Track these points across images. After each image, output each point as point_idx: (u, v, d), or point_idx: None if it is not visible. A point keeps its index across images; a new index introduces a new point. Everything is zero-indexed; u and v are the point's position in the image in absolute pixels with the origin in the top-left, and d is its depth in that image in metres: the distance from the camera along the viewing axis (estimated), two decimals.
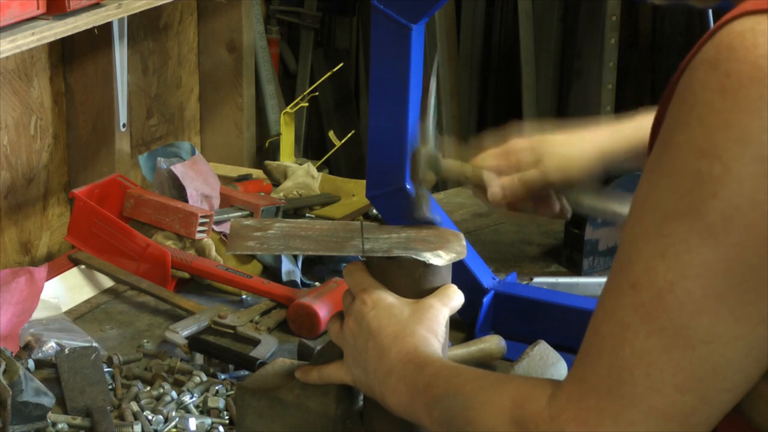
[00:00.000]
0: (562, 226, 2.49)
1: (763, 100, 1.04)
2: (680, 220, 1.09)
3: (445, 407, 1.29)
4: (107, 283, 2.35)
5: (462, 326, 2.10)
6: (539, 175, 1.71)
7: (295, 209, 2.70)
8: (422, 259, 1.45)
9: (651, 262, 1.10)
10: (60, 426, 1.82)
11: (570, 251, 2.43)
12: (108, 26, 2.59)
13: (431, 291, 1.48)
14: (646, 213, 1.12)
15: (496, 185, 1.71)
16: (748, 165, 1.05)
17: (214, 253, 2.38)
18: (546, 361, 1.68)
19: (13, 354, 1.97)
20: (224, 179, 2.73)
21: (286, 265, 2.34)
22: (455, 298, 1.48)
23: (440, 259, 1.46)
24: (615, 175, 2.47)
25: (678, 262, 1.09)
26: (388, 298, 1.45)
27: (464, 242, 1.53)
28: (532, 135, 1.75)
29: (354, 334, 1.45)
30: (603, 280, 2.23)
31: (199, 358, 2.04)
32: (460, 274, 2.00)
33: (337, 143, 3.09)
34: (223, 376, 1.99)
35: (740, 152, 1.05)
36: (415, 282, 1.48)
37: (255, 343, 2.10)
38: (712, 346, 1.09)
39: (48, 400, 1.81)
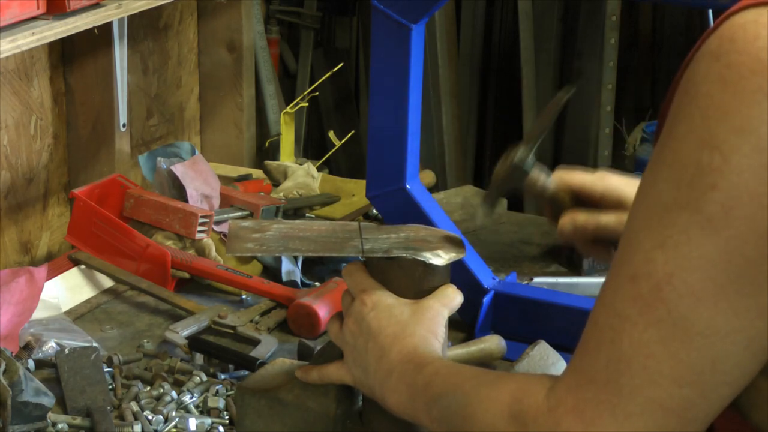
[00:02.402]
0: None
1: (763, 92, 1.05)
2: (680, 212, 1.09)
3: (444, 405, 1.29)
4: (107, 283, 2.35)
5: (462, 326, 2.10)
6: (616, 222, 1.63)
7: (295, 209, 2.70)
8: (422, 258, 1.45)
9: (650, 254, 1.10)
10: (60, 426, 1.82)
11: (570, 251, 2.43)
12: (108, 26, 2.59)
13: (431, 291, 1.48)
14: (647, 205, 1.12)
15: (569, 218, 1.64)
16: (748, 156, 1.05)
17: (214, 253, 2.38)
18: (546, 361, 1.68)
19: (13, 354, 1.97)
20: (224, 179, 2.73)
21: (286, 265, 2.34)
22: (455, 298, 1.48)
23: (440, 258, 1.46)
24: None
25: (677, 253, 1.09)
26: (388, 298, 1.45)
27: (463, 242, 1.53)
28: (631, 178, 1.66)
29: (354, 334, 1.45)
30: (603, 280, 2.21)
31: (199, 358, 2.04)
32: (460, 274, 2.00)
33: (337, 143, 3.09)
34: (223, 376, 1.99)
35: (739, 143, 1.05)
36: (414, 282, 1.47)
37: (255, 343, 2.10)
38: (710, 339, 1.09)
39: (48, 400, 1.81)
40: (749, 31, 1.07)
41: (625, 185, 1.65)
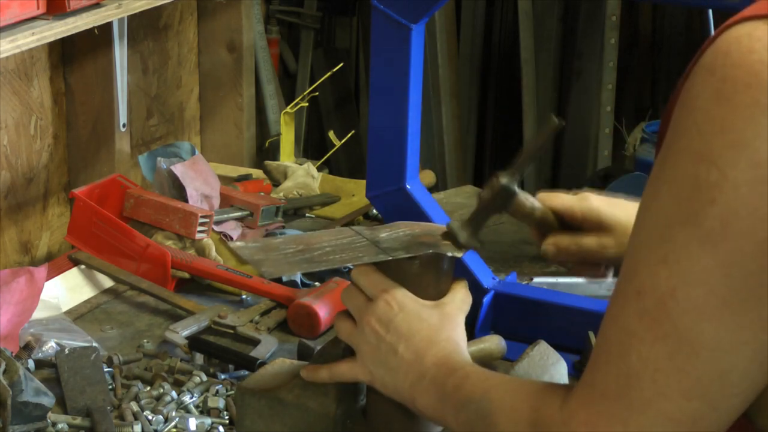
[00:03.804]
0: None
1: (758, 106, 1.05)
2: (680, 227, 1.09)
3: (472, 410, 1.32)
4: (107, 283, 2.35)
5: None
6: (597, 245, 1.61)
7: (295, 209, 2.70)
8: (444, 252, 1.45)
9: (654, 268, 1.11)
10: (60, 426, 1.82)
11: None
12: (108, 26, 2.59)
13: (448, 285, 1.48)
14: (649, 220, 1.13)
15: (552, 241, 1.62)
16: (744, 171, 1.05)
17: (214, 253, 2.38)
18: (546, 361, 1.68)
19: (13, 354, 1.97)
20: (224, 179, 2.73)
21: None
22: (469, 300, 1.50)
23: (457, 250, 1.47)
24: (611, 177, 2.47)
25: (679, 267, 1.09)
26: (411, 299, 1.45)
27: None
28: (612, 198, 1.65)
29: (378, 335, 1.44)
30: (602, 280, 2.20)
31: (199, 358, 2.04)
32: (460, 274, 2.00)
33: (337, 143, 3.09)
34: (223, 376, 1.99)
35: (736, 158, 1.06)
36: (434, 277, 1.47)
37: (255, 343, 2.10)
38: (716, 353, 1.10)
39: (48, 400, 1.81)
40: (744, 44, 1.07)
41: (605, 206, 1.63)
